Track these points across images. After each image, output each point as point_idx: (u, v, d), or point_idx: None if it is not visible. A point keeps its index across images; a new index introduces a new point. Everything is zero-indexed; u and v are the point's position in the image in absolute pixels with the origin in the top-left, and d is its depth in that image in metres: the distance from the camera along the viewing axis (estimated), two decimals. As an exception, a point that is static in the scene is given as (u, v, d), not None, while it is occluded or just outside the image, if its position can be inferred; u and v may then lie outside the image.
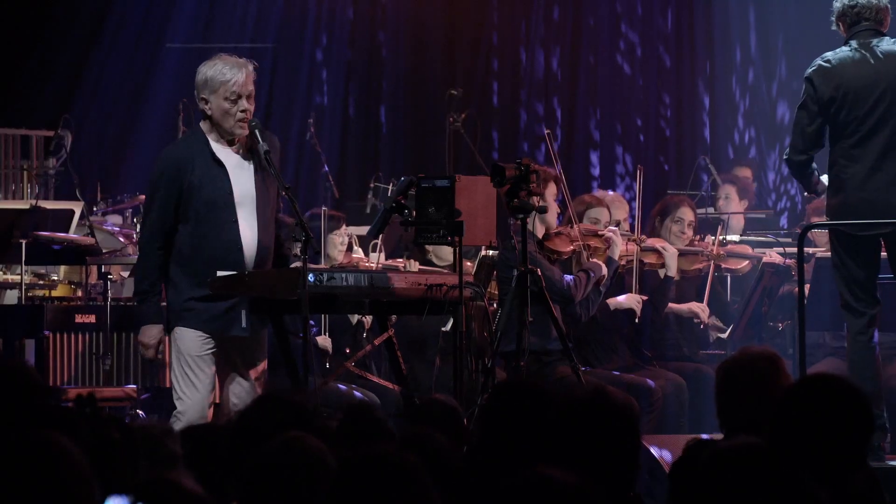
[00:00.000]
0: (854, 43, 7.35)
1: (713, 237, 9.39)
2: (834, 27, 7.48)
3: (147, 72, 12.74)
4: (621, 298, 8.78)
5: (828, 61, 7.36)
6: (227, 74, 6.73)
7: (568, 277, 8.26)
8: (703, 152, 11.91)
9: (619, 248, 8.59)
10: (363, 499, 3.06)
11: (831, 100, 7.31)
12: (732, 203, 10.54)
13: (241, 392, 6.85)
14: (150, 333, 6.81)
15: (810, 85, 7.36)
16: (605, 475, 3.63)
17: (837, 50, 7.39)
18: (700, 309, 9.16)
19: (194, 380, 6.76)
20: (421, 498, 3.08)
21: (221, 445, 4.08)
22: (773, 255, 9.35)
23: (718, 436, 4.67)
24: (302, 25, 13.08)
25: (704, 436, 4.37)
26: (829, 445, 3.73)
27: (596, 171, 12.91)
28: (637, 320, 8.76)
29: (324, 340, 8.55)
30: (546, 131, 8.76)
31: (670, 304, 9.10)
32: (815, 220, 9.29)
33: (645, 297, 8.82)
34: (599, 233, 8.65)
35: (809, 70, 7.40)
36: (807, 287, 8.00)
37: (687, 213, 9.28)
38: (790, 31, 12.56)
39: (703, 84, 12.90)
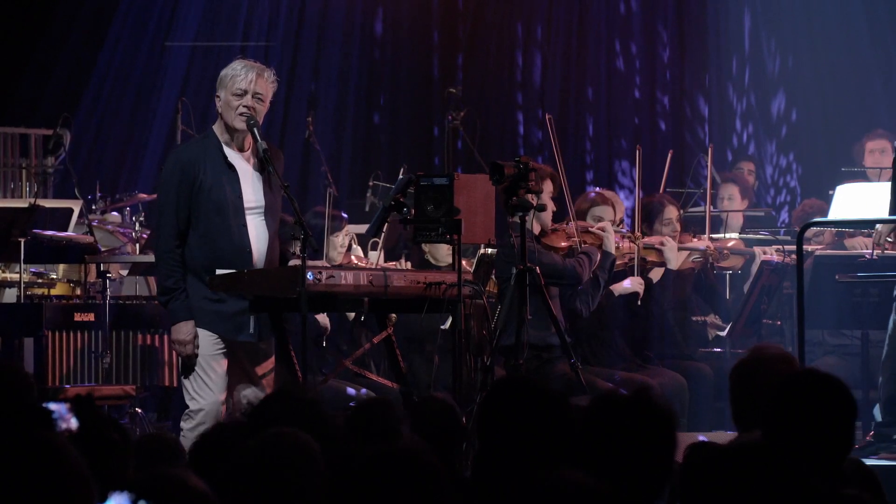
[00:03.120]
0: None
1: (705, 235, 9.42)
2: None
3: (146, 70, 12.73)
4: (626, 283, 8.79)
5: None
6: (239, 71, 6.83)
7: (570, 260, 8.30)
8: (702, 152, 11.89)
9: (612, 242, 8.61)
10: (380, 495, 3.06)
11: None
12: (735, 203, 10.51)
13: (249, 392, 6.86)
14: (185, 330, 6.77)
15: None
16: (638, 480, 3.59)
17: None
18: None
19: (207, 380, 6.79)
20: (438, 495, 3.08)
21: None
22: (771, 254, 9.35)
23: (721, 434, 4.67)
24: (300, 24, 13.08)
25: (701, 437, 4.37)
26: (818, 437, 3.74)
27: (591, 175, 12.90)
28: (639, 302, 8.76)
29: (323, 318, 8.54)
30: (548, 116, 8.70)
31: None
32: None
33: (643, 282, 8.82)
34: (591, 229, 8.66)
35: None
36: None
37: (672, 212, 9.28)
38: (785, 30, 12.55)
39: (702, 96, 12.91)
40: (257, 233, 6.83)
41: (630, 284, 8.82)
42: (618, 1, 12.95)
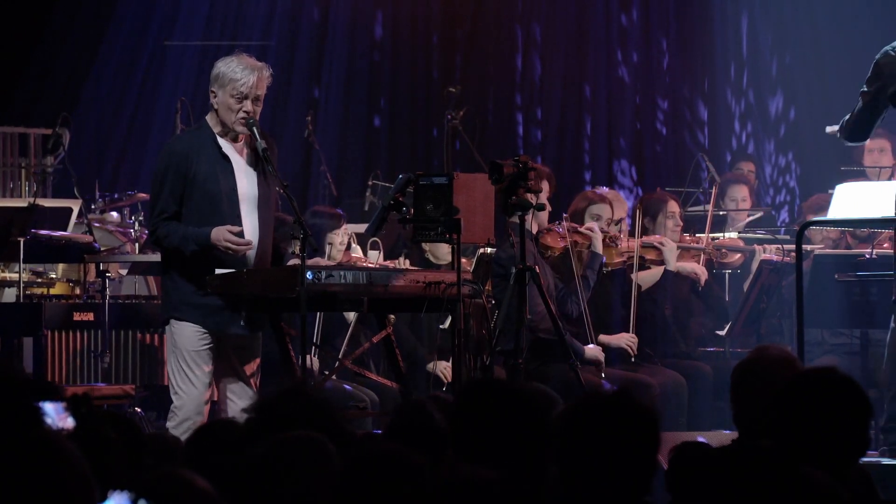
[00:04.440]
0: None
1: (703, 235, 9.44)
2: None
3: (146, 70, 12.74)
4: (613, 338, 8.70)
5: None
6: (238, 74, 6.78)
7: (542, 309, 8.16)
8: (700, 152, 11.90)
9: (600, 242, 8.61)
10: (369, 496, 3.06)
11: None
12: (747, 204, 10.50)
13: (237, 389, 6.85)
14: (220, 236, 6.64)
15: (881, 65, 7.25)
16: (622, 479, 3.60)
17: None
18: (701, 271, 9.18)
19: (191, 375, 6.75)
20: (424, 496, 3.08)
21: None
22: (770, 253, 9.36)
23: (721, 434, 4.67)
24: (300, 23, 13.08)
25: (700, 438, 4.38)
26: (829, 437, 3.74)
27: (588, 175, 12.90)
28: (633, 359, 8.71)
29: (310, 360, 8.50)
30: (565, 217, 8.65)
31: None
32: (811, 217, 9.29)
33: (635, 338, 8.75)
34: (581, 229, 8.67)
35: (878, 55, 7.30)
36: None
37: (675, 207, 9.35)
38: (783, 29, 12.56)
39: (701, 101, 12.91)
40: (251, 224, 6.80)
41: (616, 340, 8.71)
42: (618, 11, 12.96)
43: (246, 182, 6.82)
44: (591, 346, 8.44)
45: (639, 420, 3.62)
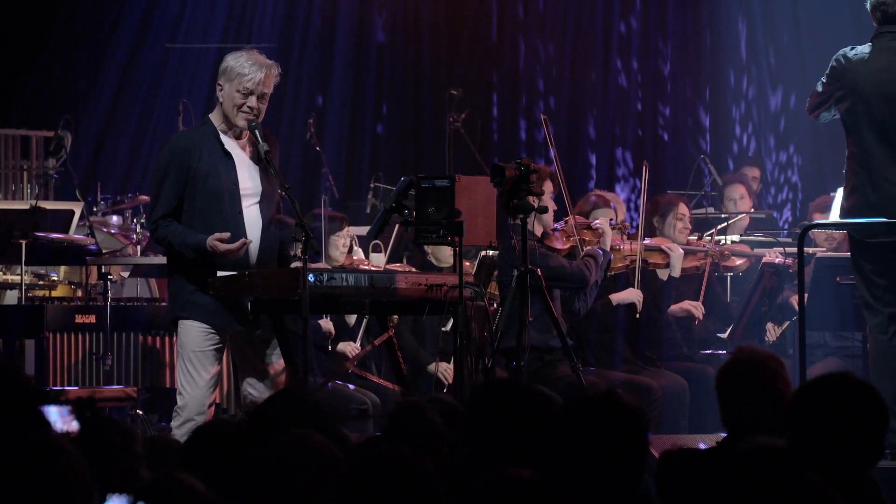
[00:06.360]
0: (880, 41, 7.26)
1: (710, 237, 9.45)
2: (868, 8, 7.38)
3: (147, 72, 12.75)
4: (623, 294, 8.80)
5: (851, 54, 7.26)
6: (246, 69, 6.79)
7: (576, 263, 8.31)
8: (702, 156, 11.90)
9: (609, 240, 8.62)
10: (374, 498, 3.06)
11: (850, 92, 7.21)
12: (746, 203, 10.51)
13: (259, 386, 6.82)
14: (213, 246, 6.64)
15: (833, 68, 7.27)
16: (611, 476, 3.63)
17: (863, 46, 7.30)
18: (694, 307, 9.19)
19: (194, 374, 6.74)
20: (430, 498, 3.09)
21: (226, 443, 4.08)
22: (772, 255, 9.36)
23: (722, 437, 4.67)
24: (302, 25, 13.08)
25: (702, 444, 4.39)
26: (845, 443, 3.74)
27: (592, 172, 12.91)
28: (637, 315, 8.77)
29: (326, 324, 8.55)
30: (543, 116, 8.66)
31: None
32: (818, 216, 9.28)
33: (642, 294, 8.82)
34: (592, 225, 8.67)
35: (837, 54, 7.31)
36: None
37: (685, 210, 9.37)
38: (778, 13, 12.56)
39: (702, 107, 12.91)
40: (253, 220, 6.80)
41: (627, 295, 8.80)
42: (618, 19, 12.97)
43: (248, 177, 6.82)
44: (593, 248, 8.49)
45: (625, 418, 3.66)
